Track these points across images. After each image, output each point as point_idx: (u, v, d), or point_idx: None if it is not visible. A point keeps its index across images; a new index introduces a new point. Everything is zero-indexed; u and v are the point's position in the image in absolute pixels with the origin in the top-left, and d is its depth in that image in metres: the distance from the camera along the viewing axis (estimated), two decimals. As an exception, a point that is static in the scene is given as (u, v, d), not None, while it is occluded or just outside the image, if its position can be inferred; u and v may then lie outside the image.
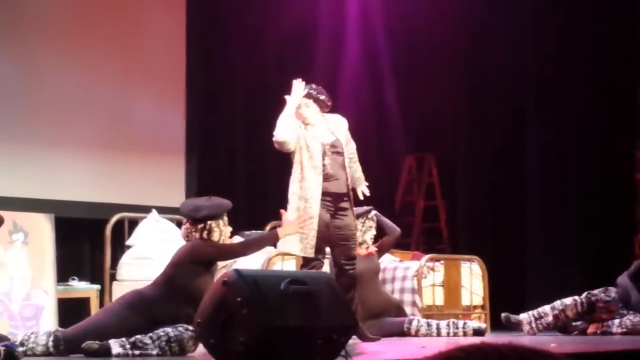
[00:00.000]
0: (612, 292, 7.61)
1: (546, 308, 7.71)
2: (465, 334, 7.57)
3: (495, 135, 10.43)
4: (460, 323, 7.66)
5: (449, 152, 10.84)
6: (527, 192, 10.20)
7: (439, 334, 7.55)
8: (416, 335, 7.52)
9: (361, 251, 7.80)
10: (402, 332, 7.38)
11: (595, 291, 7.62)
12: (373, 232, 7.84)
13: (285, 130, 6.29)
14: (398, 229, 8.06)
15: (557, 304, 7.67)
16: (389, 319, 7.58)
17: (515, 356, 1.04)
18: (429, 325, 7.59)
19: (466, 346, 1.08)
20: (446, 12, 10.71)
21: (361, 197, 6.77)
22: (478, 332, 7.59)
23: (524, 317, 7.77)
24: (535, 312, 7.75)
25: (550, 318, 7.65)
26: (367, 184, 6.79)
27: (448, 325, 7.60)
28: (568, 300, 7.60)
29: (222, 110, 10.26)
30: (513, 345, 1.07)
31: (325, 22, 10.72)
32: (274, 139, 6.35)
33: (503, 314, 7.86)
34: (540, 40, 10.20)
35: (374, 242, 7.91)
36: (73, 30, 9.12)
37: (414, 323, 7.60)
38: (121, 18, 9.47)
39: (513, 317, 7.83)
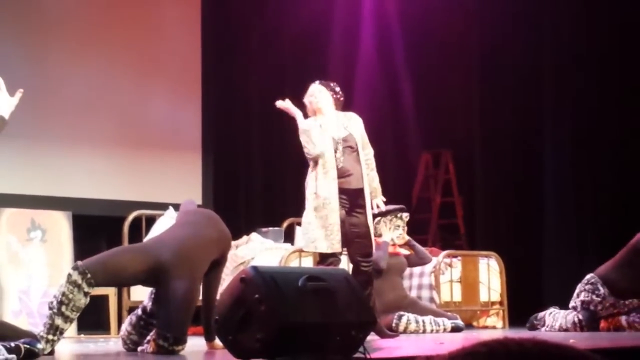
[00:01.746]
0: (599, 285, 7.54)
1: (548, 320, 7.69)
2: (444, 330, 7.66)
3: (512, 131, 10.41)
4: (440, 320, 7.73)
5: (465, 148, 10.82)
6: (544, 188, 10.17)
7: (424, 331, 7.60)
8: (405, 331, 7.54)
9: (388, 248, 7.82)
10: (390, 328, 7.37)
11: (585, 297, 7.53)
12: (400, 232, 7.83)
13: (317, 144, 6.28)
14: (431, 258, 8.14)
15: (558, 320, 7.62)
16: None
17: (538, 351, 1.04)
18: (417, 321, 7.63)
19: (489, 341, 1.08)
20: (461, 8, 10.69)
21: (375, 210, 6.66)
22: (456, 329, 7.66)
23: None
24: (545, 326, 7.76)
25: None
26: (384, 199, 6.71)
27: (431, 322, 7.66)
28: (569, 323, 7.53)
29: (239, 107, 10.28)
30: (536, 340, 1.07)
31: (341, 19, 10.71)
32: (309, 156, 6.31)
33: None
34: (557, 35, 10.17)
35: (402, 247, 7.96)
36: (90, 29, 9.14)
37: (403, 319, 7.63)
38: (137, 16, 9.49)
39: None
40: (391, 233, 7.83)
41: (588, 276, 7.62)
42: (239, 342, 4.47)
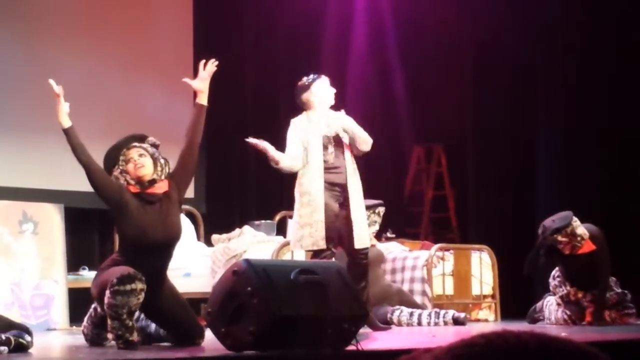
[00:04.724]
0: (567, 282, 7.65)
1: (546, 312, 7.73)
2: (445, 324, 7.62)
3: (504, 124, 10.40)
4: (441, 312, 7.69)
5: (457, 141, 10.81)
6: (536, 181, 10.18)
7: (419, 324, 7.59)
8: (399, 325, 7.55)
9: None
10: (385, 322, 7.37)
11: (562, 291, 7.60)
12: (376, 227, 7.82)
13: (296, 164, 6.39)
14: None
15: (552, 313, 7.64)
16: (375, 308, 7.52)
17: (536, 343, 1.04)
18: (410, 315, 7.62)
19: (487, 333, 1.08)
20: (455, 2, 10.68)
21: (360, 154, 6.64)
22: (457, 322, 7.61)
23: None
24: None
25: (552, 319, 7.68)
26: (371, 139, 6.68)
27: (429, 315, 7.66)
28: (560, 320, 7.55)
29: (231, 100, 10.25)
30: (534, 332, 1.07)
31: (335, 12, 10.70)
32: (281, 166, 6.44)
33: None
34: (551, 25, 10.16)
35: (376, 237, 7.95)
36: (81, 20, 9.12)
37: (396, 313, 7.63)
38: (129, 8, 9.47)
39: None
40: (369, 229, 7.82)
41: (553, 272, 7.74)
42: (231, 335, 4.47)
